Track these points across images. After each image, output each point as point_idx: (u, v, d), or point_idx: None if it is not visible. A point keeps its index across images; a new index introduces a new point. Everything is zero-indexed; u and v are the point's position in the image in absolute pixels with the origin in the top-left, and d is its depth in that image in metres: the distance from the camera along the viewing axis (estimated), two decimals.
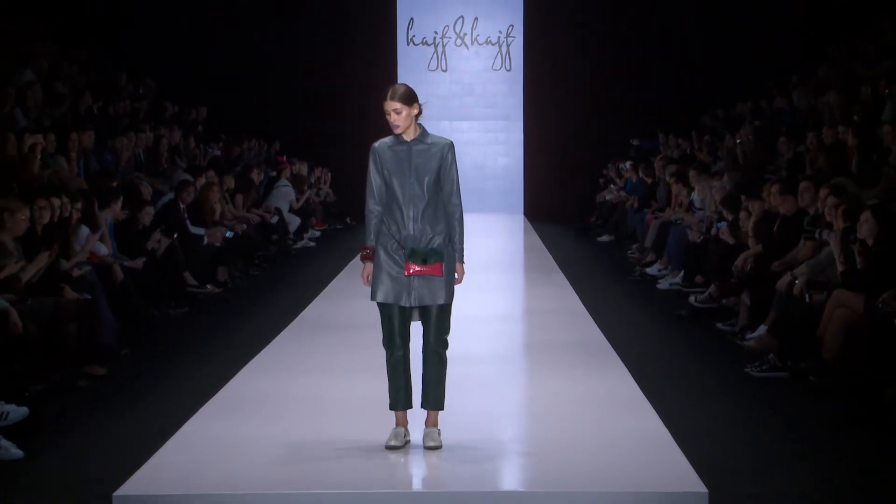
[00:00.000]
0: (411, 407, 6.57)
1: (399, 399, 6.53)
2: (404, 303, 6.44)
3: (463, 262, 6.58)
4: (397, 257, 6.45)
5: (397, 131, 6.49)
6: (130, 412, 7.81)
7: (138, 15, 22.88)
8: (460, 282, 6.59)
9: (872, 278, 8.14)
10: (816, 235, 9.69)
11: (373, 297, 6.49)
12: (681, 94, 22.96)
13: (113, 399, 8.19)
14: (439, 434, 6.51)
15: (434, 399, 6.53)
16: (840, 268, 8.68)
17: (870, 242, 8.38)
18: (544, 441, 6.72)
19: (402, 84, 6.55)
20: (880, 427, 7.22)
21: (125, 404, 8.03)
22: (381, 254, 6.49)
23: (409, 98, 6.45)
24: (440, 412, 6.56)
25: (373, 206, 6.54)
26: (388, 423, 6.55)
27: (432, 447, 6.44)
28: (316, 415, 7.32)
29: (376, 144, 6.59)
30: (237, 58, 23.63)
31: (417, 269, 6.40)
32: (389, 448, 6.44)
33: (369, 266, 6.51)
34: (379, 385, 6.78)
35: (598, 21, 23.71)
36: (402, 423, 6.55)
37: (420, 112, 6.49)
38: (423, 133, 6.56)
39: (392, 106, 6.43)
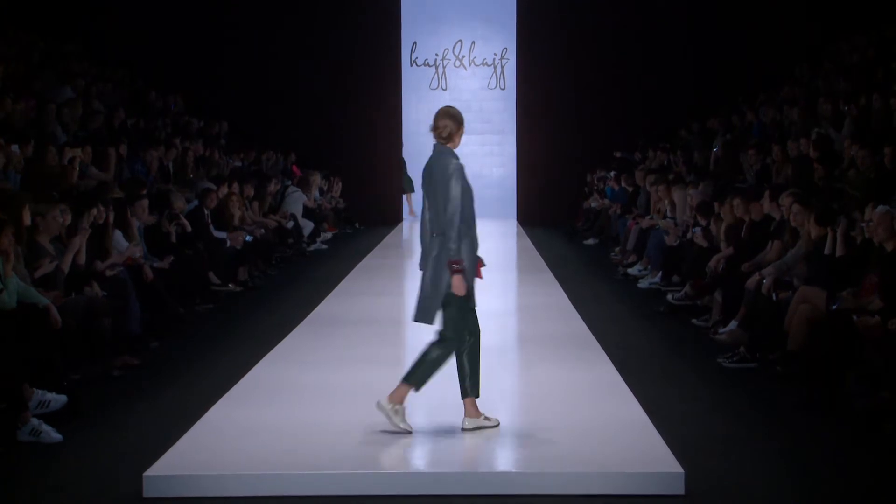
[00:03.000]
0: None
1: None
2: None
3: None
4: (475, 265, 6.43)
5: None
6: (159, 399, 7.81)
7: (166, 39, 22.89)
8: None
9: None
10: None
11: (473, 303, 6.40)
12: (659, 111, 22.97)
13: (144, 387, 8.18)
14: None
15: None
16: (839, 252, 8.58)
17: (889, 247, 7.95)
18: (534, 425, 6.71)
19: None
20: (839, 411, 7.23)
21: (155, 392, 8.02)
22: (469, 263, 6.36)
23: None
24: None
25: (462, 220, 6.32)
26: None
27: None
28: (328, 401, 7.31)
29: (462, 163, 6.47)
30: (256, 78, 23.65)
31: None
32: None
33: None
34: (384, 374, 6.75)
35: (585, 45, 23.70)
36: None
37: None
38: None
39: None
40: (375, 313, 11.18)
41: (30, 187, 10.86)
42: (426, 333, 6.56)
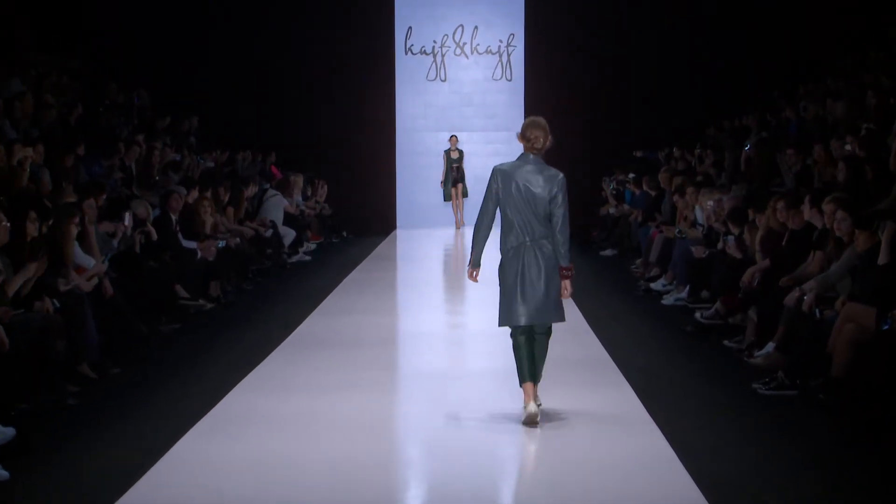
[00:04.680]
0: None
1: None
2: None
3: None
4: None
5: None
6: (120, 432, 7.77)
7: (128, 24, 22.91)
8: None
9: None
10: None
11: None
12: (685, 106, 22.99)
13: (102, 418, 8.14)
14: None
15: None
16: (882, 260, 8.54)
17: None
18: (545, 460, 6.70)
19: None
20: (889, 445, 7.19)
21: (115, 423, 7.98)
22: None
23: None
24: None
25: None
26: (381, 443, 6.50)
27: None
28: (309, 433, 7.29)
29: None
30: (232, 67, 23.68)
31: None
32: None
33: None
34: (371, 401, 6.73)
35: (601, 31, 23.77)
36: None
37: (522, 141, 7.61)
38: None
39: None
40: (363, 333, 11.16)
41: None
42: (419, 354, 6.53)
